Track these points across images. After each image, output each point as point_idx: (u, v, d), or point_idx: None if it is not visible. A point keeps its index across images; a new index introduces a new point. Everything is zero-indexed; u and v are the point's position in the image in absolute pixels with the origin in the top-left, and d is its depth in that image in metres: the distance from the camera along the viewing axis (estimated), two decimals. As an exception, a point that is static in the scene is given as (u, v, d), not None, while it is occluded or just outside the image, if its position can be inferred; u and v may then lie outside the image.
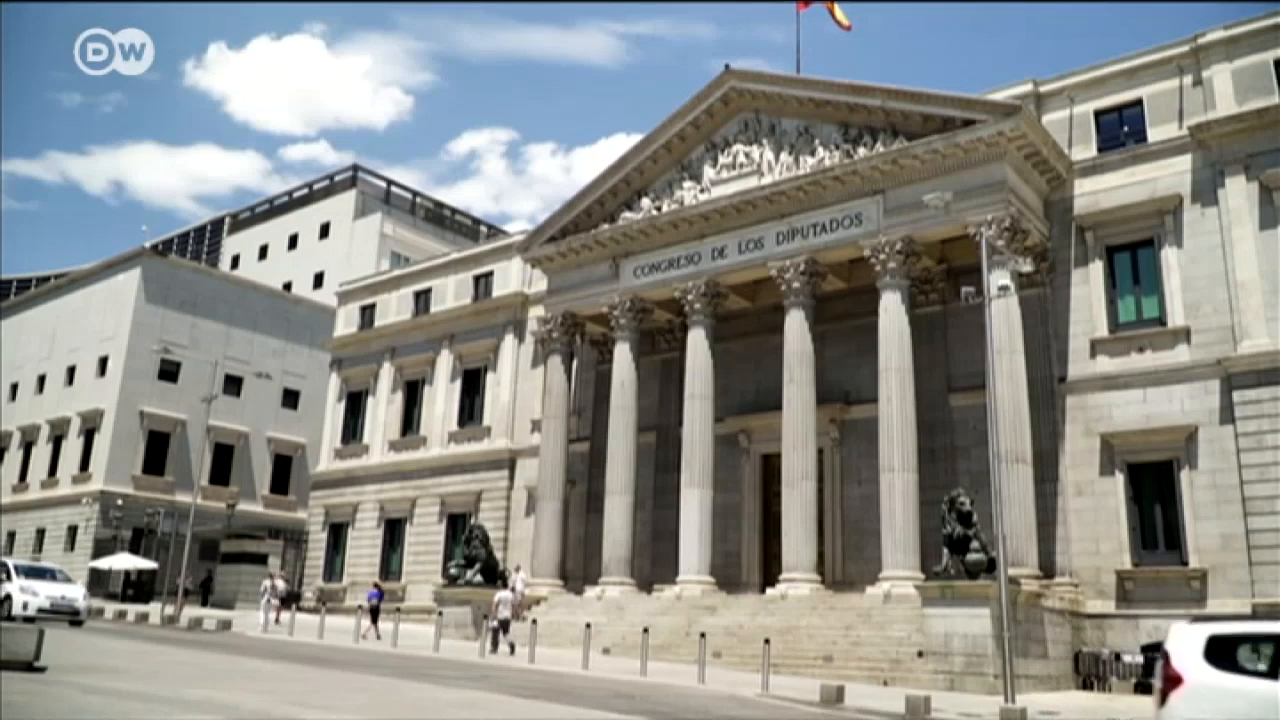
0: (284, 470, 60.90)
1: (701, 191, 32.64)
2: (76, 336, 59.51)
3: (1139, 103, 28.46)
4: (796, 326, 29.50)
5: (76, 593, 28.02)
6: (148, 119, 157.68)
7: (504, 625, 25.60)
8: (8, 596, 26.09)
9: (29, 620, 23.20)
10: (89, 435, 56.11)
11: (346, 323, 49.05)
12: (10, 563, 28.64)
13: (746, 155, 31.98)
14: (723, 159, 32.56)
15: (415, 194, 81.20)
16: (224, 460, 57.94)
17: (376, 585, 35.11)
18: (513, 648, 25.00)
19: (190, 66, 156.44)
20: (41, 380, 61.68)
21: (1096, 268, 27.97)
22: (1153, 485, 26.22)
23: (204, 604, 46.54)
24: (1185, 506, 25.28)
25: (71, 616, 26.64)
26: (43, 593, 26.55)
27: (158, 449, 55.81)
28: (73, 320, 60.48)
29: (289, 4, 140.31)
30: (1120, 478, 26.38)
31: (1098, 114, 29.07)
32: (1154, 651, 23.80)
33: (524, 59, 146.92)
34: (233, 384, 56.91)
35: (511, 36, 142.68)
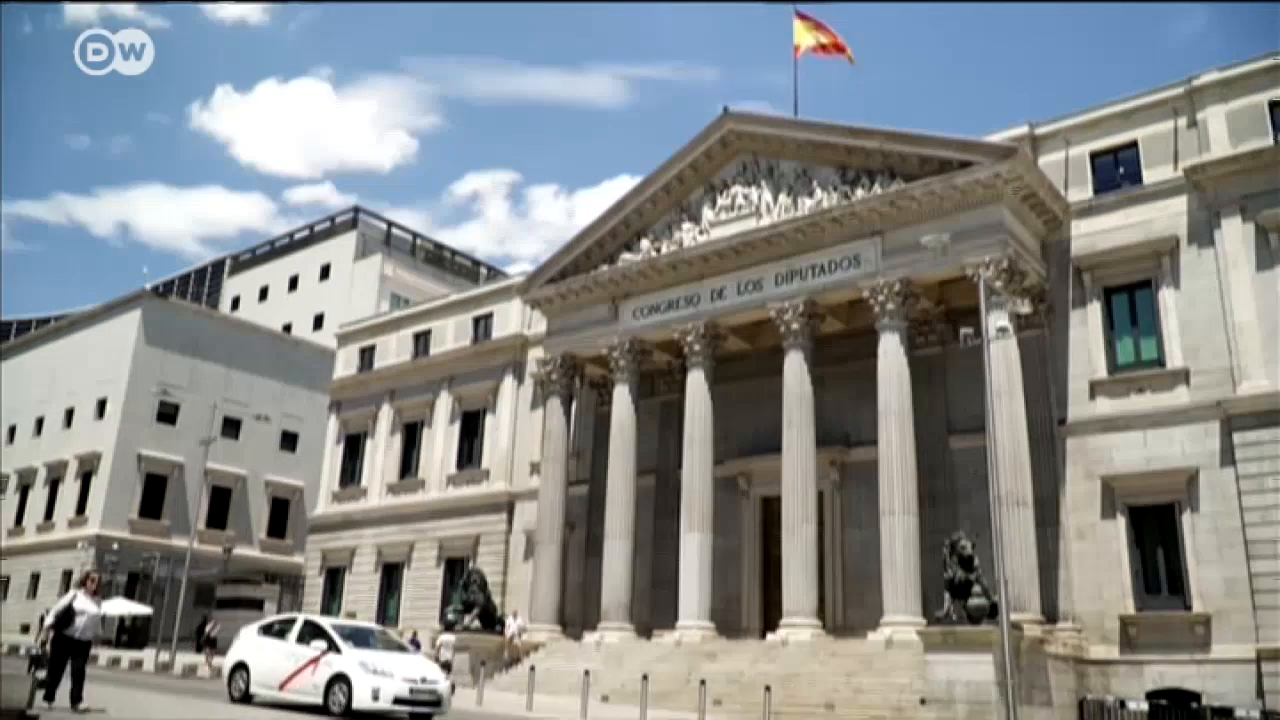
0: (281, 514, 60.55)
1: (701, 233, 32.73)
2: (75, 379, 59.43)
3: (1134, 145, 28.58)
4: (796, 368, 29.43)
5: (435, 672, 18.32)
6: (155, 161, 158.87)
7: (446, 667, 25.18)
8: (341, 679, 16.93)
9: (379, 717, 16.89)
10: (86, 478, 55.86)
11: (346, 364, 49.00)
12: (328, 625, 18.81)
13: (745, 197, 32.09)
14: (721, 201, 32.67)
15: (416, 235, 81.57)
16: (221, 504, 57.63)
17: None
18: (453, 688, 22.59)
19: (197, 109, 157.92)
20: (40, 423, 61.52)
21: (1094, 309, 27.94)
22: (1155, 528, 25.98)
23: (198, 650, 46.04)
24: (1188, 550, 25.04)
25: (434, 708, 17.41)
26: (397, 673, 17.01)
27: (155, 492, 55.50)
28: (72, 362, 60.45)
29: (297, 47, 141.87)
30: (1122, 521, 26.16)
31: (1093, 156, 29.19)
32: (1161, 699, 23.55)
33: (530, 101, 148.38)
34: (231, 426, 56.75)
35: (518, 80, 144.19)
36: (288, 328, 70.86)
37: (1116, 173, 28.80)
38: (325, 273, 75.82)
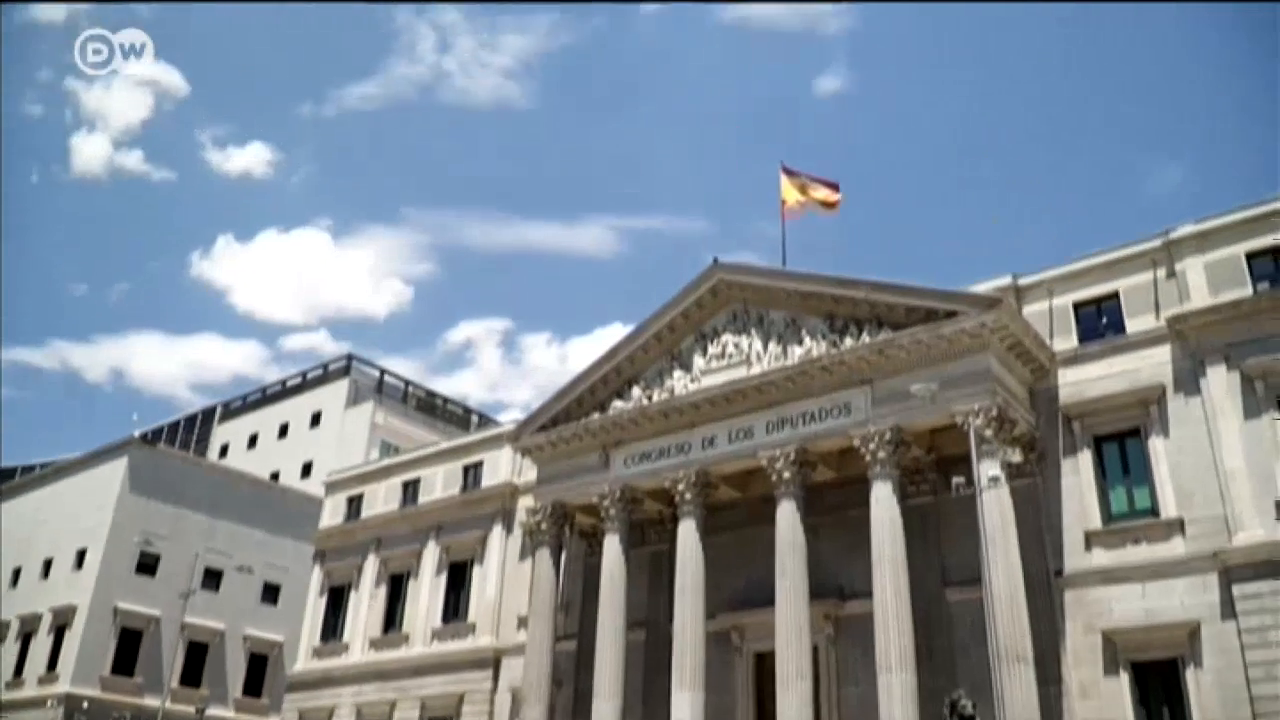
0: (259, 670, 58.42)
1: (692, 381, 32.87)
2: (57, 528, 58.33)
3: (1116, 295, 29.09)
4: (788, 518, 29.07)
5: None
6: (153, 309, 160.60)
7: None
8: None
9: None
10: (59, 633, 54.06)
11: (333, 513, 48.29)
12: None
13: (735, 345, 32.39)
14: (712, 349, 32.95)
15: (408, 383, 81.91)
16: (197, 660, 55.63)
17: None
18: None
19: (198, 258, 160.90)
20: (16, 574, 60.02)
21: (1085, 458, 27.86)
22: (1159, 685, 25.16)
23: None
24: (1193, 709, 24.15)
25: None
26: None
27: (129, 647, 53.61)
28: (54, 512, 59.46)
29: (299, 199, 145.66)
30: (1125, 678, 25.30)
31: (1077, 306, 29.68)
32: None
33: (524, 251, 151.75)
34: (212, 578, 55.46)
35: (514, 230, 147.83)
36: (276, 476, 70.22)
37: (1100, 322, 29.23)
38: (316, 420, 75.72)
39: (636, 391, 34.16)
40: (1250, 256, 27.09)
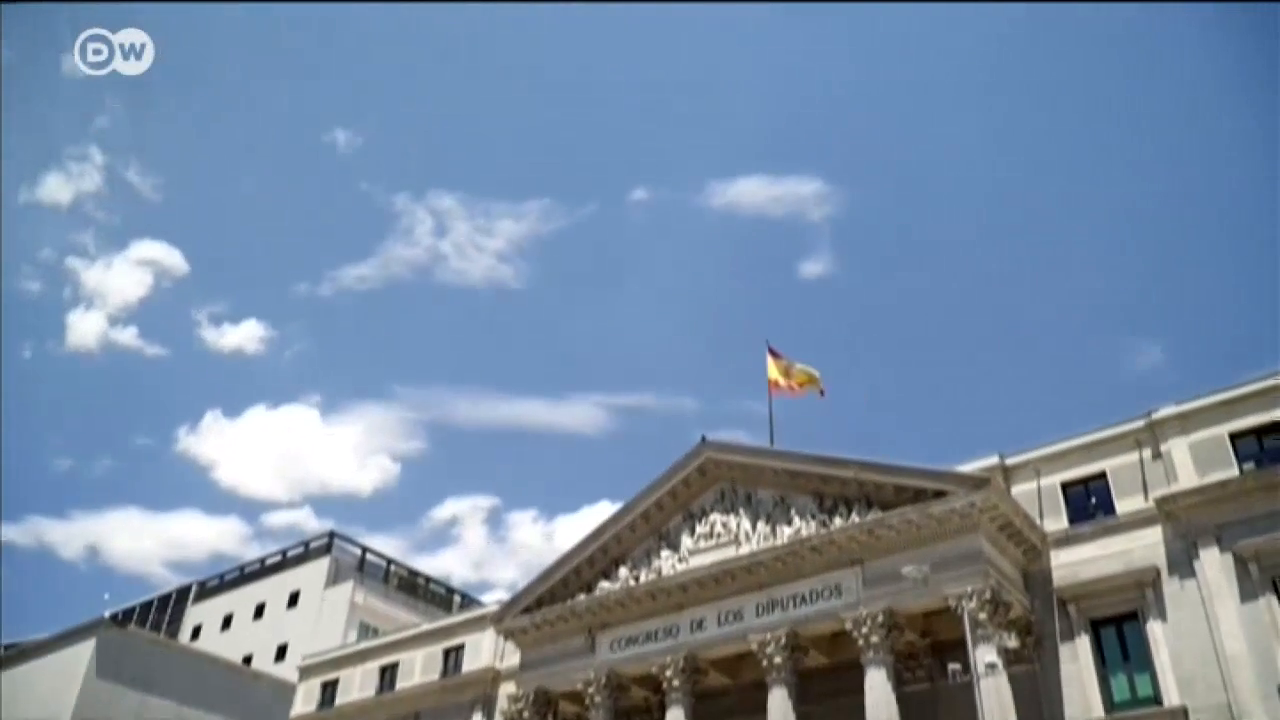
0: None
1: (680, 561, 32.37)
2: (20, 715, 55.59)
3: (1103, 475, 29.15)
4: (779, 706, 28.09)
5: None
6: (135, 484, 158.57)
7: None
8: None
9: None
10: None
11: (306, 700, 46.34)
12: None
13: (724, 525, 32.08)
14: (700, 528, 32.61)
15: (390, 562, 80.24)
16: None
17: None
18: None
19: (184, 433, 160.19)
20: (-34, 770, 56.89)
21: (1083, 642, 27.22)
22: None
23: None
24: None
25: None
26: None
27: None
28: (19, 696, 56.76)
29: (289, 375, 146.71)
30: None
31: (1065, 486, 29.67)
32: None
33: (512, 428, 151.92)
34: (177, 769, 52.64)
35: (503, 407, 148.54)
36: (249, 659, 67.73)
37: (1089, 502, 29.17)
38: (294, 600, 73.68)
39: (623, 572, 33.57)
40: (1234, 437, 27.35)
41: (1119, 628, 27.29)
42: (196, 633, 77.85)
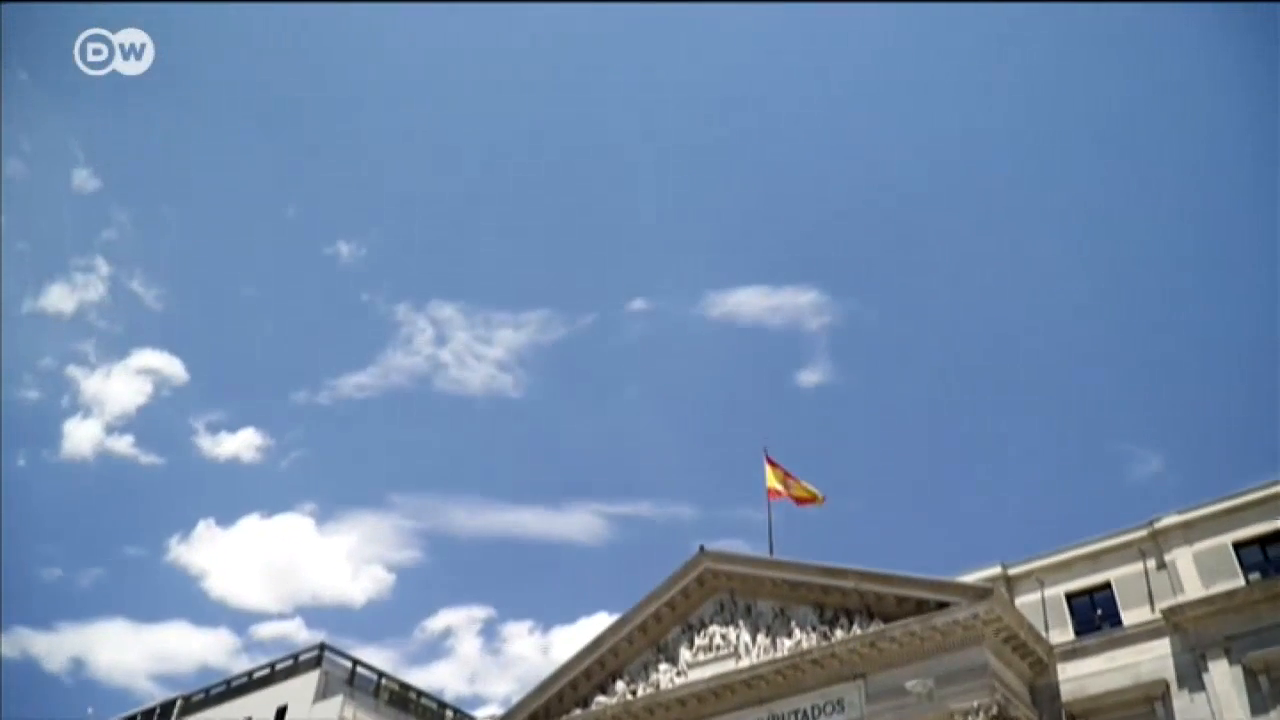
0: None
1: (678, 674, 31.66)
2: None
3: (1108, 585, 28.82)
4: (783, 828, 27.09)
5: None
6: (124, 595, 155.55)
7: None
8: None
9: None
10: None
11: (291, 822, 44.66)
12: None
13: (723, 637, 31.48)
14: (699, 641, 31.98)
15: (381, 675, 78.16)
16: None
17: None
18: None
19: (175, 542, 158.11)
20: None
21: (1096, 760, 26.45)
22: None
23: None
24: None
25: None
26: None
27: None
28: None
29: (285, 483, 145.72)
30: None
31: (1069, 596, 29.28)
32: None
33: (509, 538, 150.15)
34: None
35: (500, 516, 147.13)
36: (231, 779, 65.44)
37: (1094, 613, 28.74)
38: (281, 715, 71.49)
39: (621, 685, 32.79)
40: (1237, 545, 27.16)
41: (1131, 744, 26.57)
42: (178, 751, 75.44)
